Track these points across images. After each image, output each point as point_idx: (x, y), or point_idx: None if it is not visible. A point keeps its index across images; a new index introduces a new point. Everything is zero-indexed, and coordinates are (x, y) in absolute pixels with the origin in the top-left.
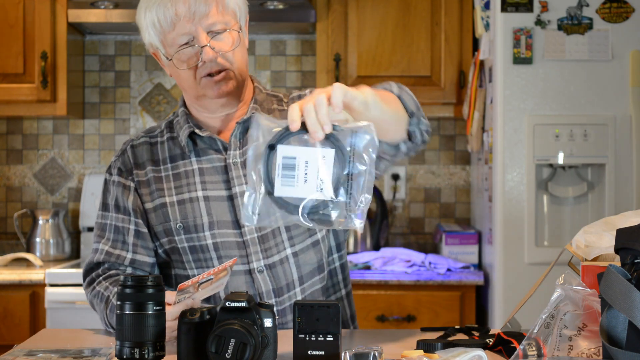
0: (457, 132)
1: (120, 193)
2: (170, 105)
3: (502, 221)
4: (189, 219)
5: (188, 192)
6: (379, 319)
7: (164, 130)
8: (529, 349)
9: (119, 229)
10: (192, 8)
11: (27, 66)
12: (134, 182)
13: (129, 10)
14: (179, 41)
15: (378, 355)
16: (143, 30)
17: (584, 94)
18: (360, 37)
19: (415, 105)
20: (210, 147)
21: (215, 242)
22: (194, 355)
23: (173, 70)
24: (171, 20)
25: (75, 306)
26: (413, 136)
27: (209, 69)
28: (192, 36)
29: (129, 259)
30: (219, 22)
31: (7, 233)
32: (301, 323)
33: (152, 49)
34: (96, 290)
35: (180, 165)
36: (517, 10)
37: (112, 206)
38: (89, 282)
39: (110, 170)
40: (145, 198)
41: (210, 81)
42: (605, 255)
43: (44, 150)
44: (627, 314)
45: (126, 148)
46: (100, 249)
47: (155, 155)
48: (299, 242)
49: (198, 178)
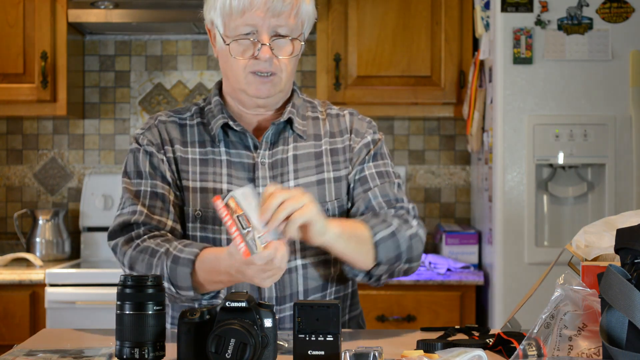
0: (457, 132)
1: (156, 162)
2: (171, 105)
3: (502, 221)
4: (209, 210)
5: (213, 181)
6: (379, 319)
7: (194, 114)
8: (529, 349)
9: (157, 195)
10: (269, 3)
11: (27, 66)
12: (165, 156)
13: (129, 10)
14: (241, 30)
15: (378, 355)
16: (209, 5)
17: (584, 94)
18: (360, 37)
19: (394, 256)
20: (241, 141)
21: (229, 238)
22: (194, 355)
23: (223, 54)
24: (243, 8)
25: (75, 306)
26: (374, 277)
27: (260, 67)
28: (255, 29)
29: (170, 226)
30: (286, 27)
31: (7, 233)
32: (301, 323)
33: (210, 25)
34: (143, 246)
35: (209, 152)
36: (517, 10)
37: (148, 173)
38: (127, 240)
39: (139, 141)
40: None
41: (256, 79)
42: (605, 255)
43: (44, 150)
44: (627, 314)
45: (155, 123)
46: (140, 210)
47: (184, 136)
48: (310, 255)
49: (225, 170)
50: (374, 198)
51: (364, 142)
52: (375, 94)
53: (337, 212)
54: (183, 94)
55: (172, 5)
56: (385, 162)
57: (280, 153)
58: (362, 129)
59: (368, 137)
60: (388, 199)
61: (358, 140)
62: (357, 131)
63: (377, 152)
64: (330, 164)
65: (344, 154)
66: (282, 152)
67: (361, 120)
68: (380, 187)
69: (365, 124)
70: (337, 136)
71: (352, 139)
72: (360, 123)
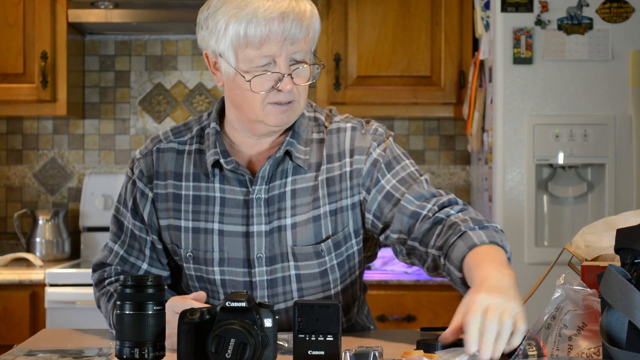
0: (457, 132)
1: (139, 200)
2: (171, 105)
3: (502, 221)
4: (200, 251)
5: (205, 221)
6: (379, 319)
7: (194, 137)
8: (529, 349)
9: (136, 237)
10: (286, 32)
11: (27, 66)
12: (152, 192)
13: (129, 10)
14: (257, 62)
15: (378, 355)
16: (216, 36)
17: (584, 94)
18: (360, 37)
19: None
20: (236, 177)
21: (223, 278)
22: (194, 355)
23: (233, 85)
24: (260, 39)
25: (75, 306)
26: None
27: (281, 98)
28: (272, 59)
29: (144, 269)
30: (302, 52)
31: (7, 233)
32: (301, 323)
33: (212, 54)
34: (106, 289)
35: (202, 188)
36: (517, 10)
37: (130, 208)
38: (99, 280)
39: (133, 169)
40: (160, 214)
41: (276, 109)
42: (605, 255)
43: (44, 150)
44: (627, 314)
45: (152, 149)
46: (116, 251)
47: (179, 167)
48: (308, 294)
49: (218, 208)
50: (410, 204)
51: (371, 160)
52: (375, 94)
53: (334, 251)
54: (183, 94)
55: (172, 5)
56: (402, 165)
57: (278, 187)
58: (365, 144)
59: (373, 154)
60: (425, 198)
61: (363, 160)
62: (360, 149)
63: (389, 160)
64: (326, 196)
65: (341, 182)
66: (279, 186)
67: (364, 135)
68: (409, 192)
69: (369, 137)
70: (335, 160)
71: (355, 160)
72: (363, 139)
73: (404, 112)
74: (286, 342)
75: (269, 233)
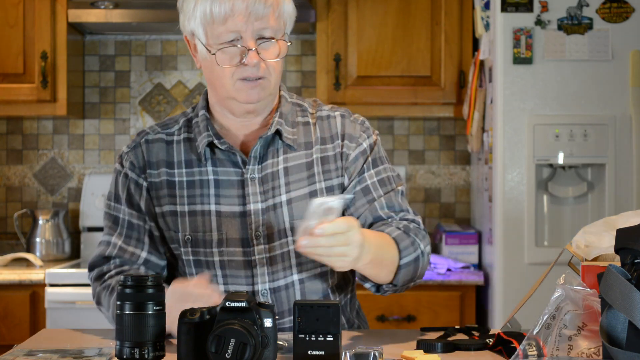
0: (457, 132)
1: (133, 190)
2: (171, 105)
3: (502, 221)
4: (199, 233)
5: (201, 203)
6: (379, 319)
7: (181, 128)
8: (529, 349)
9: (133, 226)
10: (250, 7)
11: (27, 66)
12: (147, 181)
13: (129, 10)
14: (224, 37)
15: (378, 355)
16: (188, 16)
17: (584, 94)
18: (360, 37)
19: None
20: (228, 158)
21: (222, 259)
22: (194, 355)
23: (207, 64)
24: (225, 15)
25: (75, 306)
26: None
27: (248, 73)
28: (239, 35)
29: (143, 257)
30: (270, 29)
31: (7, 233)
32: (301, 323)
33: (190, 36)
34: (107, 283)
35: (195, 173)
36: (517, 10)
37: (125, 200)
38: (98, 275)
39: (122, 162)
40: (155, 201)
41: (246, 85)
42: (605, 255)
43: (44, 150)
44: (627, 314)
45: (140, 142)
46: (114, 242)
47: (171, 157)
48: (307, 269)
49: (213, 190)
50: (380, 209)
51: (360, 149)
52: (375, 94)
53: None
54: (183, 94)
55: (172, 5)
56: (385, 166)
57: (270, 166)
58: (355, 134)
59: (363, 144)
60: (394, 210)
61: (353, 147)
62: (351, 136)
63: (375, 158)
64: (321, 173)
65: (335, 161)
66: (272, 165)
67: (354, 122)
68: (385, 197)
69: (359, 127)
70: (328, 142)
71: (345, 145)
72: (353, 126)
73: (404, 112)
74: (286, 342)
75: (266, 211)
